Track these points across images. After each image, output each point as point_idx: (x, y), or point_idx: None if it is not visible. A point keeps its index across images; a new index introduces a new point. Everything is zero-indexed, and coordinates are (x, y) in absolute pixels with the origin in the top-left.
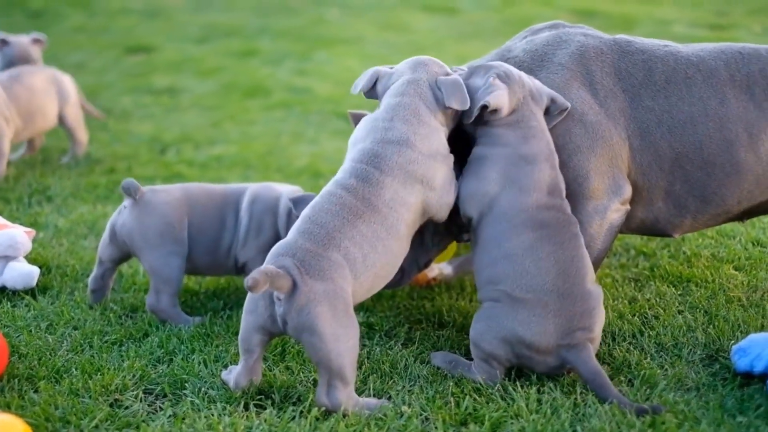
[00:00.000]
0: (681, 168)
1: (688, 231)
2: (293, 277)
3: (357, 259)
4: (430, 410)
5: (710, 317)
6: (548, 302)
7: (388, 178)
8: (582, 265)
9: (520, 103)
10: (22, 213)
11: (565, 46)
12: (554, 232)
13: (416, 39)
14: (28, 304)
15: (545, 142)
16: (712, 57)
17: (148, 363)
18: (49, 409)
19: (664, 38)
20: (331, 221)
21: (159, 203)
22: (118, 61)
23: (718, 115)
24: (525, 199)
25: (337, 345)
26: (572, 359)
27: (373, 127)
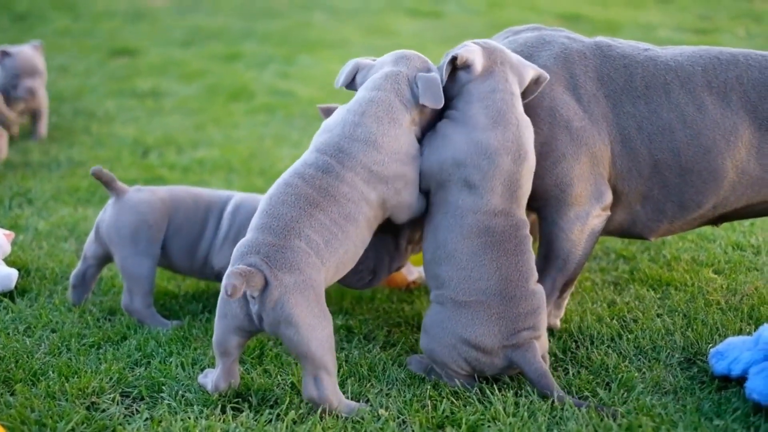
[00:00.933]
0: (659, 174)
1: (664, 234)
2: (264, 273)
3: (320, 245)
4: (408, 413)
5: (689, 320)
6: (491, 304)
7: (350, 174)
8: (526, 268)
9: (496, 66)
10: (2, 216)
11: (548, 47)
12: (500, 239)
13: (401, 43)
14: (7, 306)
15: (514, 129)
16: (690, 62)
17: (126, 366)
18: (25, 412)
19: (648, 43)
20: (287, 212)
21: (138, 202)
22: (102, 64)
23: (696, 122)
24: (474, 200)
25: (314, 334)
26: (518, 359)
27: (343, 119)
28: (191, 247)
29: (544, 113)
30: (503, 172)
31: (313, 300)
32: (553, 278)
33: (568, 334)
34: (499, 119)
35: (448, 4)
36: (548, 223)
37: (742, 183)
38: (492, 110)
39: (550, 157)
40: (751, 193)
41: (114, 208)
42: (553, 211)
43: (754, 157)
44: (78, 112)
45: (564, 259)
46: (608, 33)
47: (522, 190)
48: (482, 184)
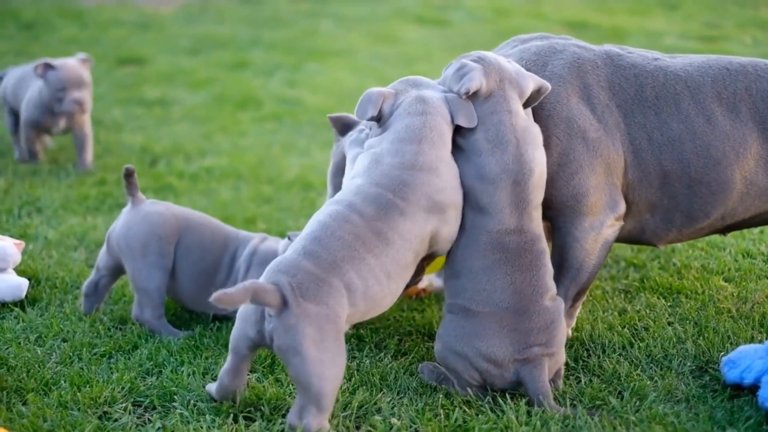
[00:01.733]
0: (669, 185)
1: (672, 242)
2: (285, 295)
3: (358, 290)
4: (420, 422)
5: (700, 329)
6: (503, 317)
7: (413, 208)
8: (540, 284)
9: (495, 86)
10: (12, 225)
11: (560, 56)
12: (514, 255)
13: (408, 51)
14: (17, 316)
15: (513, 149)
16: (700, 73)
17: (137, 375)
18: (38, 421)
19: (654, 50)
20: (340, 250)
21: (151, 213)
22: (110, 73)
23: (705, 133)
24: (486, 220)
25: (321, 369)
26: (525, 375)
27: (398, 149)
28: (200, 277)
29: (561, 124)
30: (508, 193)
31: (331, 336)
32: (566, 287)
33: (579, 343)
34: (498, 142)
35: (455, 12)
36: (562, 232)
37: (750, 194)
38: (491, 133)
39: (567, 168)
40: (759, 203)
41: (126, 218)
42: (567, 221)
43: (762, 168)
44: None
45: (577, 269)
46: (614, 40)
47: (532, 205)
48: (490, 207)
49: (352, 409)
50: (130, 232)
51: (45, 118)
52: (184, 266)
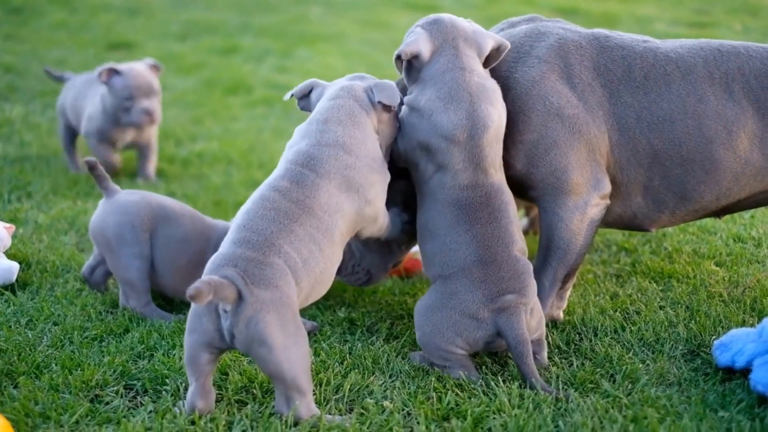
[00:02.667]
0: (660, 164)
1: (665, 226)
2: (238, 287)
3: (297, 264)
4: (413, 405)
5: (692, 313)
6: (472, 270)
7: (324, 181)
8: (505, 234)
9: (446, 44)
10: (2, 209)
11: (543, 38)
12: (471, 209)
13: (398, 36)
14: (8, 299)
15: (466, 105)
16: (691, 54)
17: (129, 358)
18: (29, 404)
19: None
20: (267, 227)
21: (125, 202)
22: (100, 58)
23: (697, 112)
24: (443, 177)
25: (288, 355)
26: (502, 324)
27: (307, 130)
28: (182, 267)
29: (537, 102)
30: (462, 149)
31: (289, 318)
32: (555, 268)
33: (571, 326)
34: (450, 98)
35: None
36: (547, 213)
37: (745, 173)
38: (443, 91)
39: (541, 145)
40: (754, 183)
41: (101, 210)
42: (551, 201)
43: (757, 147)
44: None
45: (564, 249)
46: (605, 26)
47: (487, 160)
48: (445, 163)
49: (344, 392)
50: (104, 224)
51: (111, 130)
52: (164, 255)
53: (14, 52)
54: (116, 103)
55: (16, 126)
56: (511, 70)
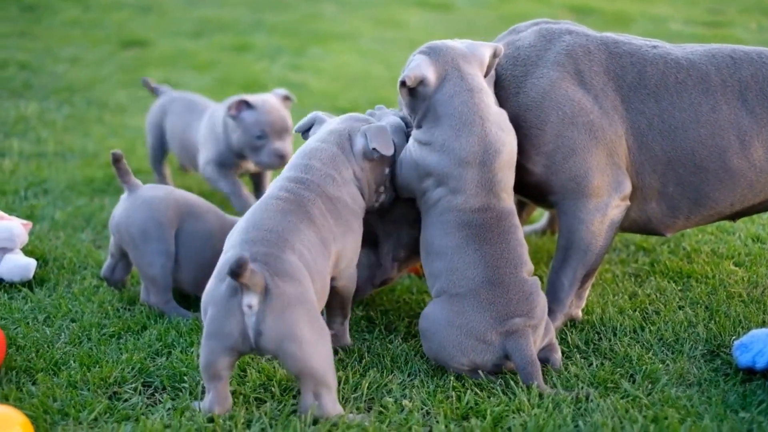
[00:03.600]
0: (674, 171)
1: (679, 230)
2: (265, 278)
3: (309, 261)
4: (431, 404)
5: (711, 313)
6: (480, 291)
7: (314, 196)
8: (514, 256)
9: (448, 68)
10: (18, 205)
11: (549, 46)
12: (481, 230)
13: (411, 35)
14: (26, 296)
15: (478, 130)
16: (703, 61)
17: (147, 356)
18: (48, 401)
19: (659, 36)
20: (278, 224)
21: (151, 198)
22: (113, 55)
23: (710, 121)
24: (452, 199)
25: (318, 349)
26: (510, 347)
27: (294, 163)
28: (204, 264)
29: (553, 108)
30: (474, 175)
31: (314, 314)
32: (574, 269)
33: (590, 326)
34: (461, 125)
35: None
36: (568, 216)
37: (760, 181)
38: (453, 118)
39: (560, 152)
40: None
41: (125, 205)
42: (572, 204)
43: None
44: (90, 103)
45: (584, 251)
46: (619, 25)
47: (500, 185)
48: (456, 188)
49: (363, 390)
50: (129, 219)
51: (233, 165)
52: (188, 251)
53: (28, 50)
54: (245, 140)
55: (32, 123)
56: (521, 79)
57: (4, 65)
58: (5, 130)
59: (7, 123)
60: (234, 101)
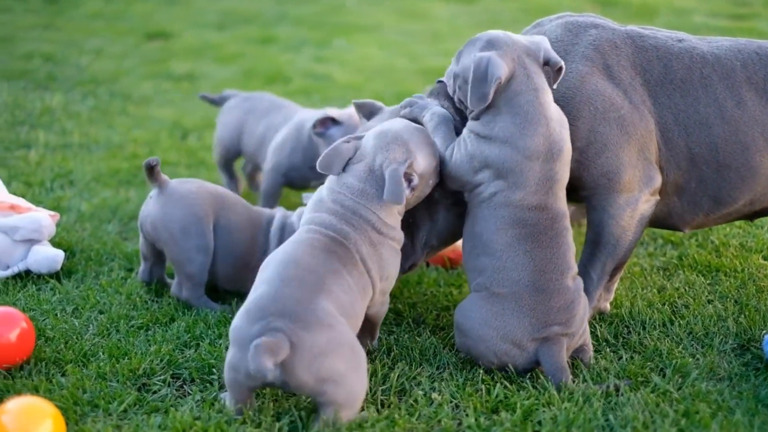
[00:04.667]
0: (696, 167)
1: (697, 227)
2: (289, 338)
3: (345, 306)
4: (461, 397)
5: (741, 307)
6: (524, 296)
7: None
8: (562, 262)
9: (516, 66)
10: (45, 197)
11: (576, 40)
12: (535, 231)
13: (435, 27)
14: (53, 287)
15: (543, 129)
16: (729, 56)
17: (175, 347)
18: (77, 393)
19: (683, 29)
20: (320, 265)
21: (187, 193)
22: (137, 47)
23: (734, 118)
24: (509, 195)
25: (352, 386)
26: (542, 354)
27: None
28: (237, 256)
29: (585, 104)
30: (536, 173)
31: (347, 352)
32: (603, 263)
33: (619, 319)
34: (526, 124)
35: None
36: (597, 210)
37: None
38: (519, 117)
39: (592, 148)
40: None
41: (159, 202)
42: (602, 199)
43: None
44: (114, 95)
45: (614, 245)
46: (643, 17)
47: (559, 183)
48: (517, 183)
49: (392, 383)
50: (167, 216)
51: (299, 174)
52: (223, 246)
53: (52, 42)
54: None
55: (57, 114)
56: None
57: (29, 57)
58: (31, 121)
59: (32, 115)
60: (319, 118)
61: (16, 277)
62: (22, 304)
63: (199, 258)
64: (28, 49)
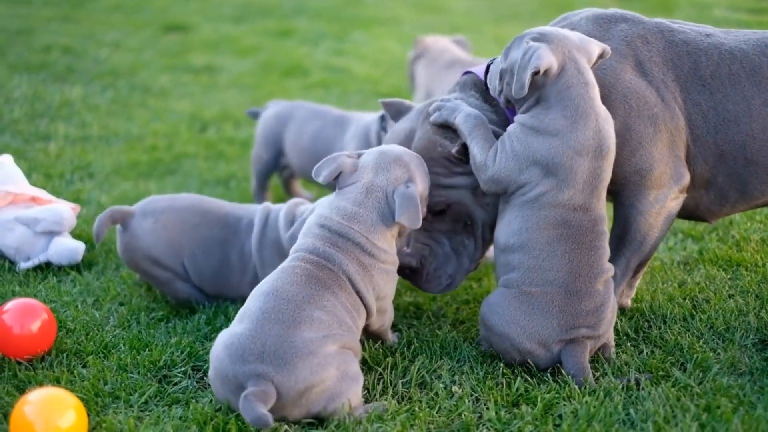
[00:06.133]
0: (724, 163)
1: (723, 216)
2: (273, 382)
3: (331, 326)
4: (481, 390)
5: (762, 302)
6: (554, 298)
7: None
8: (597, 265)
9: (566, 59)
10: (64, 189)
11: (607, 35)
12: (576, 232)
13: (453, 20)
14: (74, 279)
15: (593, 125)
16: (756, 52)
17: (196, 339)
18: (99, 384)
19: (703, 22)
20: (299, 293)
21: (142, 233)
22: (155, 40)
23: (762, 115)
24: (555, 195)
25: (350, 391)
26: (565, 354)
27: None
28: (213, 267)
29: (619, 99)
30: (585, 170)
31: (333, 373)
32: (628, 259)
33: (639, 314)
34: (577, 118)
35: None
36: (625, 206)
37: None
38: (569, 110)
39: (628, 145)
40: None
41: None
42: (631, 195)
43: None
44: (133, 87)
45: (640, 241)
46: (662, 12)
47: (603, 183)
48: (564, 183)
49: (412, 376)
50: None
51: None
52: (196, 264)
53: (71, 34)
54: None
55: (76, 107)
56: None
57: (48, 50)
58: (50, 114)
59: (51, 107)
60: (379, 115)
61: (37, 269)
62: (43, 295)
63: (177, 286)
64: (47, 42)
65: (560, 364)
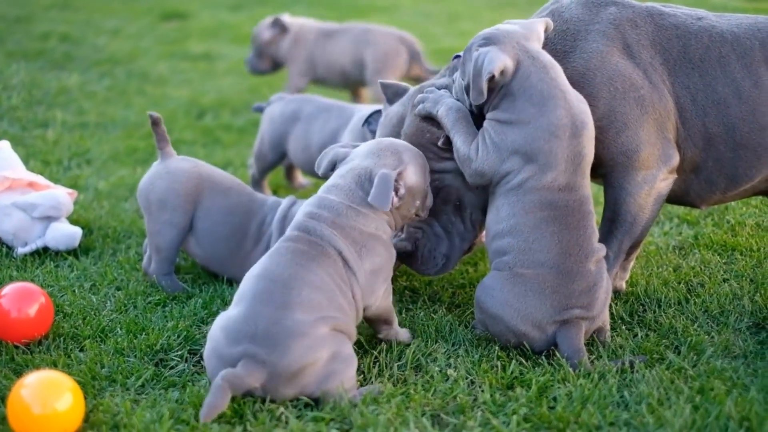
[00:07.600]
0: (713, 147)
1: (714, 204)
2: (264, 364)
3: (322, 303)
4: (476, 373)
5: (756, 286)
6: (546, 279)
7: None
8: (587, 245)
9: (517, 52)
10: (62, 175)
11: (596, 18)
12: (563, 213)
13: (452, 8)
14: (71, 264)
15: (562, 103)
16: (747, 35)
17: (192, 323)
18: (96, 367)
19: (700, 7)
20: (285, 270)
21: (176, 169)
22: (153, 28)
23: (752, 98)
24: (539, 177)
25: (343, 374)
26: (560, 336)
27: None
28: (221, 240)
29: (605, 82)
30: (564, 150)
31: (326, 355)
32: (620, 241)
33: (634, 297)
34: (544, 101)
35: None
36: (615, 188)
37: None
38: (535, 96)
39: (613, 127)
40: None
41: (152, 172)
42: (619, 177)
43: None
44: (131, 74)
45: (631, 223)
46: None
47: (586, 159)
48: (545, 166)
49: (407, 359)
50: (151, 186)
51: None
52: (205, 226)
53: (69, 22)
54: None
55: (74, 94)
56: (569, 53)
57: (46, 37)
58: (48, 101)
59: (49, 94)
60: (369, 112)
61: (34, 254)
62: (41, 280)
63: (169, 233)
64: (46, 29)
65: (555, 346)
